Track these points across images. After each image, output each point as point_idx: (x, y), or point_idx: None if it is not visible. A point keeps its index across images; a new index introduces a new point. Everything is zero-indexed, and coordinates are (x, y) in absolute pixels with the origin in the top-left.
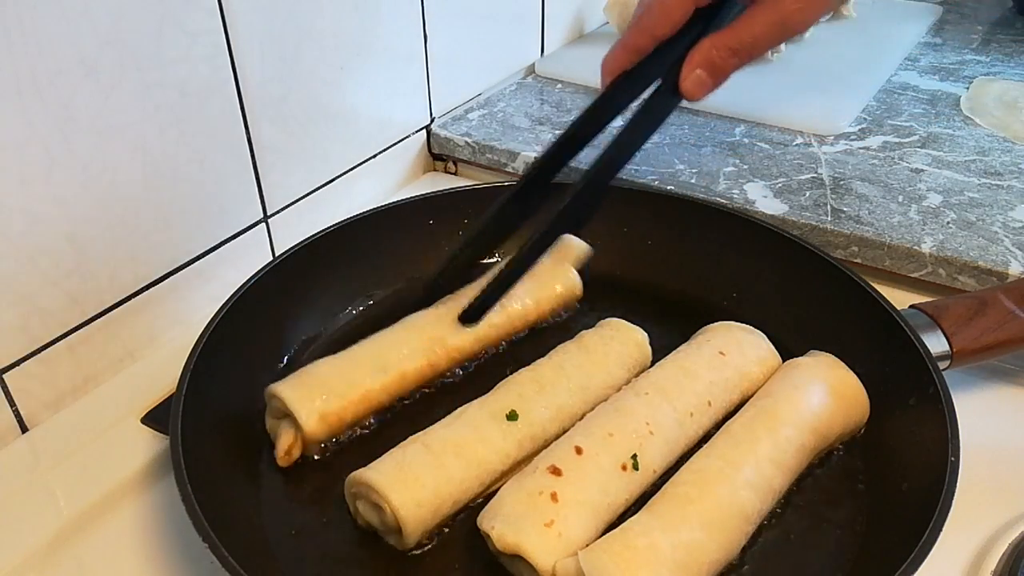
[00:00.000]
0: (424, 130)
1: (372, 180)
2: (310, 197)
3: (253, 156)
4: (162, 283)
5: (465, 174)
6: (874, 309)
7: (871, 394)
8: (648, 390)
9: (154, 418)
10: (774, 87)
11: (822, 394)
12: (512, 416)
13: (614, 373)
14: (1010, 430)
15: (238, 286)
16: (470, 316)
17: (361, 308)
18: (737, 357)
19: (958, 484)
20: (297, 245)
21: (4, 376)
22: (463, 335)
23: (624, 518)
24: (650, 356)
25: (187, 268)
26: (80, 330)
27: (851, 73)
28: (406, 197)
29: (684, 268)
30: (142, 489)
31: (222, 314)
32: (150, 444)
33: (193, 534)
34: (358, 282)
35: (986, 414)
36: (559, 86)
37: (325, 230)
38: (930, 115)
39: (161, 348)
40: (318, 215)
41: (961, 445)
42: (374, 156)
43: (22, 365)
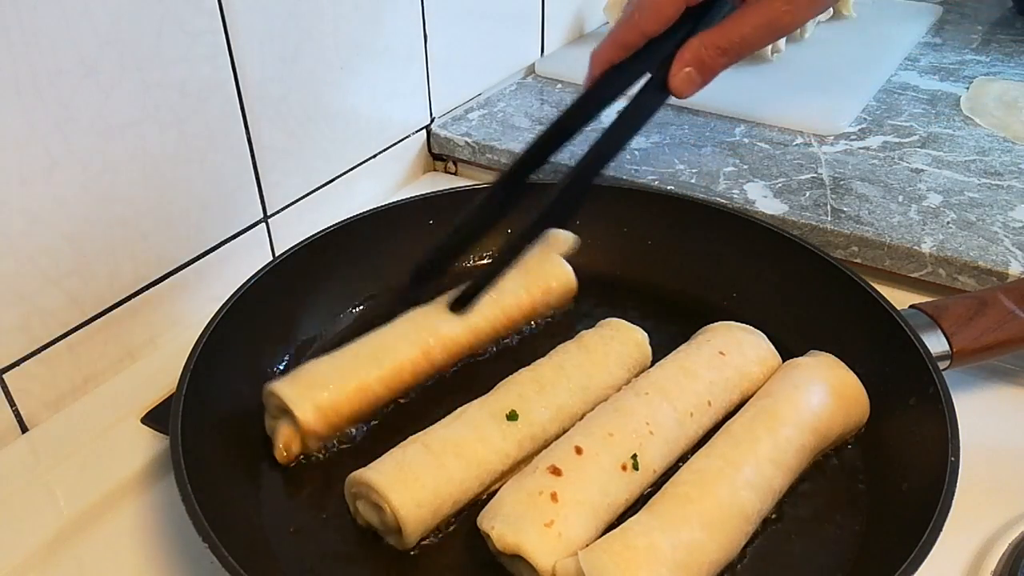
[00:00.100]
0: (424, 130)
1: (372, 180)
2: (310, 197)
3: (253, 156)
4: (162, 283)
5: (465, 174)
6: (874, 309)
7: (871, 394)
8: (648, 390)
9: (154, 418)
10: (774, 87)
11: (822, 394)
12: (512, 416)
13: (614, 373)
14: (1010, 430)
15: (238, 286)
16: (459, 303)
17: (361, 308)
18: (737, 357)
19: (958, 484)
20: (297, 245)
21: (4, 376)
22: (456, 325)
23: (624, 518)
24: (650, 356)
25: (187, 268)
26: (80, 330)
27: (851, 73)
28: (406, 197)
29: (684, 268)
30: (142, 489)
31: (222, 314)
32: (150, 444)
33: (193, 534)
34: (358, 282)
35: (986, 414)
36: (559, 86)
37: (325, 230)
38: (930, 115)
39: (161, 348)
40: (318, 215)
41: (961, 445)
42: (374, 156)
43: (22, 365)
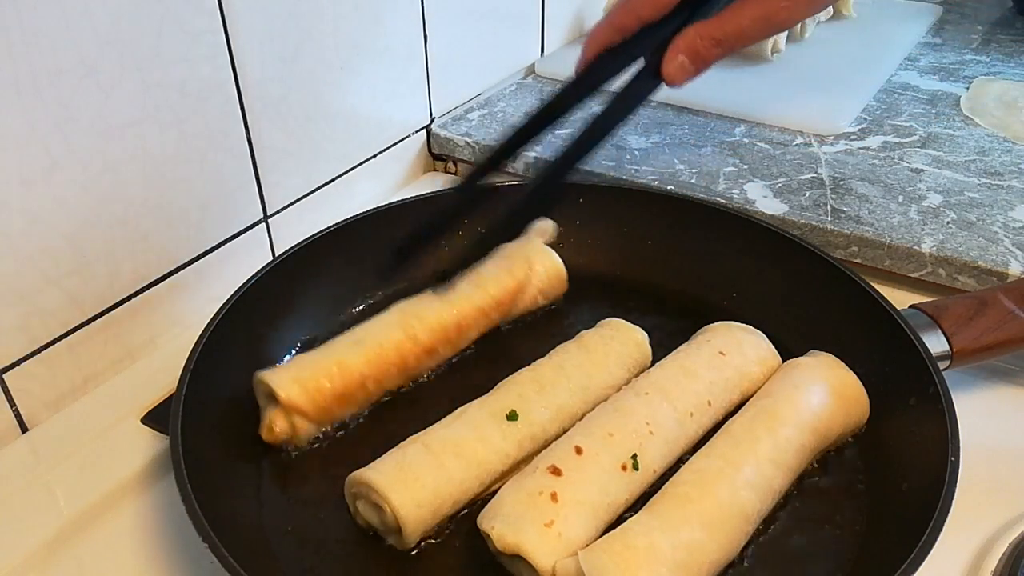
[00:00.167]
0: (424, 130)
1: (372, 180)
2: (310, 197)
3: (253, 156)
4: (162, 283)
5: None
6: (874, 309)
7: (871, 394)
8: (648, 390)
9: (154, 418)
10: (774, 87)
11: (822, 394)
12: (512, 416)
13: (614, 373)
14: (1010, 430)
15: (238, 286)
16: (440, 279)
17: (361, 308)
18: (737, 357)
19: (958, 484)
20: (297, 245)
21: (4, 376)
22: (438, 305)
23: (624, 518)
24: (650, 356)
25: (187, 268)
26: (80, 330)
27: (851, 73)
28: (406, 197)
29: (684, 268)
30: (142, 489)
31: (222, 314)
32: (150, 444)
33: (193, 534)
34: (358, 282)
35: (986, 414)
36: (559, 86)
37: (325, 230)
38: (930, 115)
39: (161, 348)
40: (318, 215)
41: (961, 445)
42: (374, 156)
43: (22, 365)
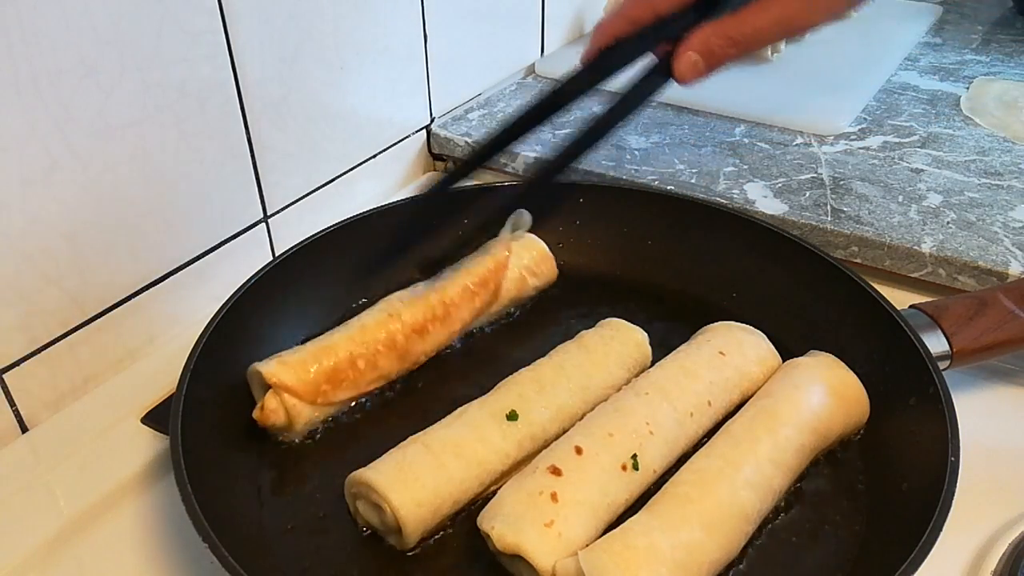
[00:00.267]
0: (424, 130)
1: (372, 180)
2: (310, 197)
3: (253, 156)
4: (162, 283)
5: None
6: (874, 309)
7: (871, 394)
8: (648, 390)
9: (154, 418)
10: (774, 87)
11: (822, 394)
12: (512, 416)
13: (614, 373)
14: (1010, 430)
15: (238, 286)
16: (427, 265)
17: (361, 308)
18: (737, 357)
19: (958, 484)
20: (297, 245)
21: (4, 376)
22: (419, 288)
23: (624, 518)
24: (650, 356)
25: (187, 268)
26: (80, 330)
27: (851, 73)
28: (406, 197)
29: (684, 268)
30: (142, 489)
31: (222, 314)
32: (150, 444)
33: (193, 534)
34: (358, 282)
35: (986, 414)
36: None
37: (325, 230)
38: (930, 115)
39: (161, 348)
40: (318, 215)
41: (961, 445)
42: (374, 156)
43: (22, 365)
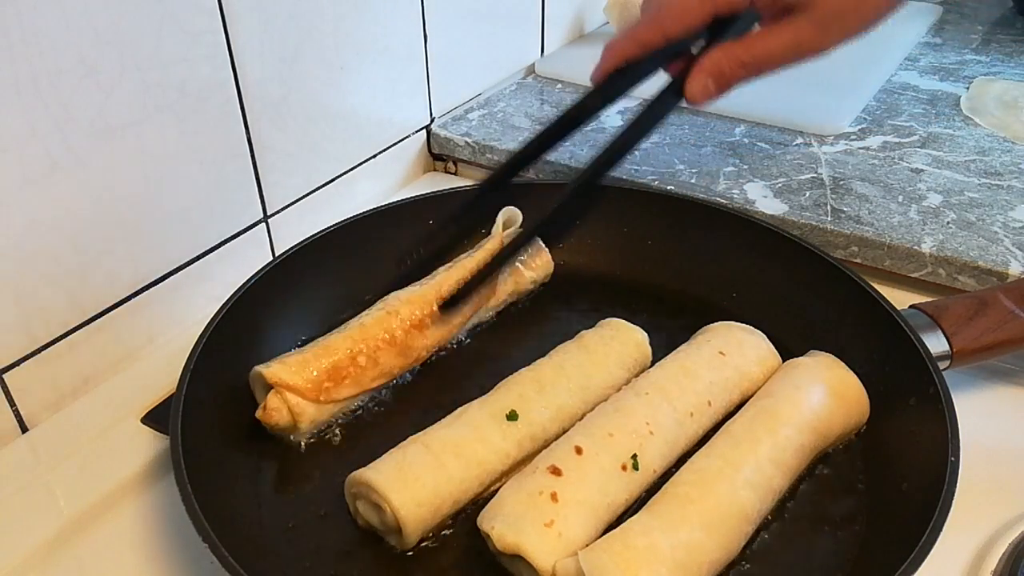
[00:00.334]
0: (424, 130)
1: (372, 180)
2: (310, 197)
3: (253, 156)
4: (162, 283)
5: (465, 174)
6: (874, 309)
7: (871, 394)
8: (648, 390)
9: (154, 418)
10: (774, 87)
11: (822, 394)
12: (512, 416)
13: (614, 373)
14: (1010, 430)
15: (238, 286)
16: (448, 304)
17: (361, 308)
18: (737, 357)
19: (958, 484)
20: (297, 245)
21: (4, 376)
22: (416, 285)
23: (624, 518)
24: (650, 356)
25: (187, 268)
26: (80, 330)
27: (851, 73)
28: (406, 197)
29: (684, 268)
30: (142, 489)
31: (222, 314)
32: (150, 444)
33: (193, 534)
34: (358, 282)
35: (986, 414)
36: (559, 86)
37: (325, 230)
38: (930, 115)
39: (161, 348)
40: (318, 215)
41: (961, 445)
42: (374, 156)
43: (22, 365)
